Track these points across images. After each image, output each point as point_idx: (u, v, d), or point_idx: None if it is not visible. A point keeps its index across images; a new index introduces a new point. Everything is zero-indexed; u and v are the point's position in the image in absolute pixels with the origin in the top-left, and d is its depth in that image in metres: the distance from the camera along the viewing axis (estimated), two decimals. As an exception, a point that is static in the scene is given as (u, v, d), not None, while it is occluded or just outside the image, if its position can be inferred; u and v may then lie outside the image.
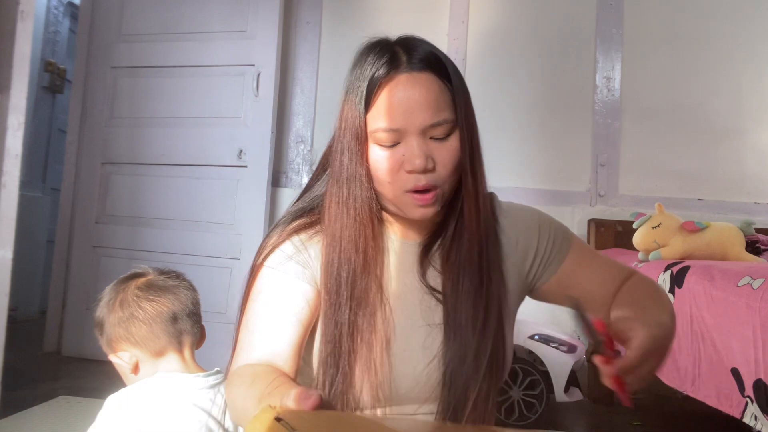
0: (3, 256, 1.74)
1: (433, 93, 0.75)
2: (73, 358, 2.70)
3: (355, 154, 0.76)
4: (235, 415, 0.74)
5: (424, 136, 0.75)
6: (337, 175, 0.79)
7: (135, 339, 1.00)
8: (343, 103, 0.79)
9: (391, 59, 0.76)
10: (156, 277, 1.05)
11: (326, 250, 0.79)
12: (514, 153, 2.77)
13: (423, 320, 0.82)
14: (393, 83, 0.75)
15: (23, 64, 1.80)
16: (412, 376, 0.80)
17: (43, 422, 1.88)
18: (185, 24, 2.83)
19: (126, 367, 1.02)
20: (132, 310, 1.00)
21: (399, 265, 0.85)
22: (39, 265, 3.56)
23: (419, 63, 0.75)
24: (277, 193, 2.82)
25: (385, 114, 0.74)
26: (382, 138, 0.75)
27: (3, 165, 1.73)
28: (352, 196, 0.77)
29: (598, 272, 0.90)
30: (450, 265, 0.82)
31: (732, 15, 2.78)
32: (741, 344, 1.30)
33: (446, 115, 0.76)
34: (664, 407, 2.45)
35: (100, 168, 2.87)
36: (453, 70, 0.79)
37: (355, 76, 0.78)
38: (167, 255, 2.69)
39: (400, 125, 0.74)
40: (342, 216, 0.78)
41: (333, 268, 0.78)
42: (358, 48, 0.81)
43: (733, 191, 2.74)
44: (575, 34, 2.81)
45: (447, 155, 0.76)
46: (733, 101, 2.77)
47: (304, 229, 0.82)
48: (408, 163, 0.74)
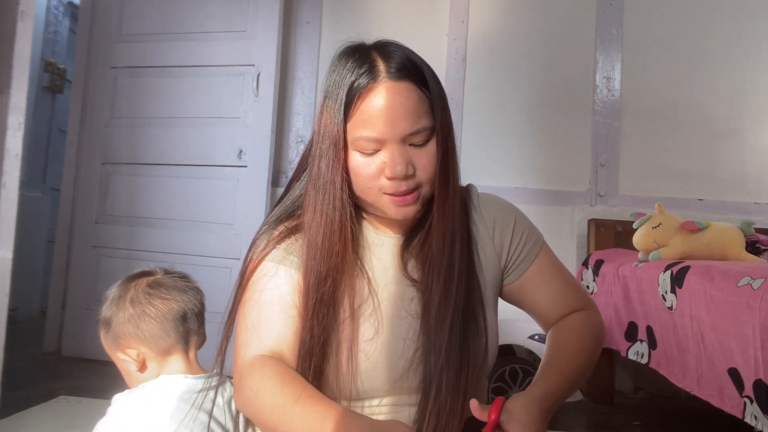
0: (3, 256, 1.74)
1: (412, 102, 0.77)
2: (73, 358, 2.70)
3: (332, 161, 0.79)
4: (259, 405, 0.76)
5: (404, 143, 0.77)
6: (315, 179, 0.81)
7: (144, 336, 1.00)
8: (322, 108, 0.81)
9: (370, 68, 0.77)
10: (164, 277, 1.05)
11: (305, 252, 0.82)
12: (514, 153, 2.77)
13: (406, 311, 0.85)
14: (373, 93, 0.76)
15: (23, 64, 1.80)
16: (395, 368, 0.82)
17: (43, 422, 1.88)
18: (185, 24, 2.83)
19: (133, 364, 1.02)
20: (143, 308, 1.00)
21: (382, 258, 0.87)
22: (39, 265, 3.56)
23: (398, 72, 0.77)
24: (277, 193, 2.82)
25: (366, 123, 0.76)
26: (363, 146, 0.78)
27: (3, 165, 1.73)
28: (328, 201, 0.80)
29: (555, 291, 0.93)
30: (423, 258, 0.85)
31: (732, 15, 2.79)
32: (741, 344, 1.30)
33: (425, 123, 0.78)
34: (664, 407, 2.45)
35: (100, 168, 2.87)
36: (430, 76, 0.81)
37: (334, 83, 0.79)
38: (167, 255, 2.69)
39: (381, 134, 0.76)
40: (318, 220, 0.81)
41: (312, 271, 0.81)
42: (335, 53, 0.82)
43: (733, 191, 2.74)
44: (575, 34, 2.81)
45: (426, 160, 0.79)
46: (733, 101, 2.77)
47: (287, 236, 0.86)
48: (389, 170, 0.77)
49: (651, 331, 1.83)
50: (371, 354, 0.81)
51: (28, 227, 3.16)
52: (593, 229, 2.59)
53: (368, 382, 0.81)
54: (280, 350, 0.80)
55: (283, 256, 0.84)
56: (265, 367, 0.77)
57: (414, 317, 0.84)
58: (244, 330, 0.83)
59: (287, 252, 0.84)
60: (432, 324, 0.81)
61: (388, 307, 0.84)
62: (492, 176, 2.75)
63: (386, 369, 0.82)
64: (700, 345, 1.50)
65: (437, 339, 0.80)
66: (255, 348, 0.80)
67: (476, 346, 0.83)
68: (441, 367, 0.79)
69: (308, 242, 0.82)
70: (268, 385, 0.75)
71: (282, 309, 0.82)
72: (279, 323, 0.81)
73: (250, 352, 0.80)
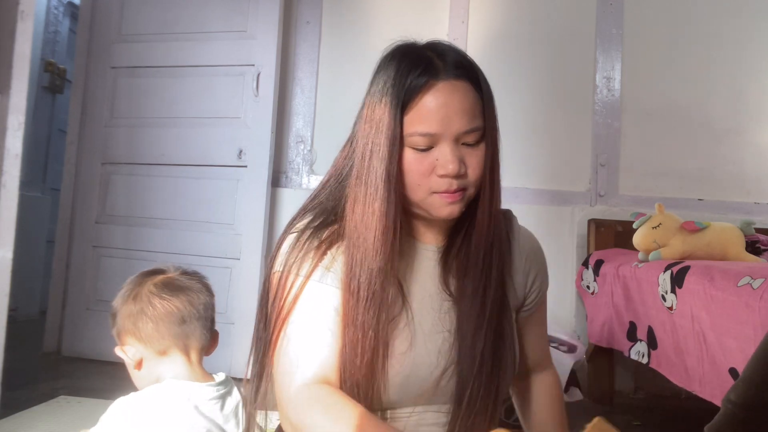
0: (3, 256, 1.74)
1: (468, 101, 0.77)
2: (73, 358, 2.70)
3: (387, 157, 0.77)
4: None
5: (457, 141, 0.78)
6: (365, 176, 0.78)
7: (140, 335, 1.00)
8: (372, 105, 0.79)
9: (428, 66, 0.77)
10: (176, 276, 1.04)
11: (350, 251, 0.79)
12: (514, 153, 2.77)
13: (441, 325, 0.83)
14: (433, 90, 0.76)
15: (23, 64, 1.79)
16: (427, 380, 0.81)
17: (43, 422, 1.88)
18: (185, 24, 2.83)
19: (128, 362, 1.02)
20: (142, 306, 1.00)
21: (419, 269, 0.85)
22: (39, 265, 3.55)
23: (456, 70, 0.78)
24: (277, 193, 2.82)
25: (423, 119, 0.76)
26: (418, 141, 0.77)
27: (3, 165, 1.73)
28: (381, 198, 0.77)
29: (541, 338, 1.00)
30: (460, 266, 0.84)
31: (732, 15, 2.78)
32: (741, 344, 1.30)
33: (478, 123, 0.78)
34: (664, 407, 2.45)
35: (100, 168, 2.87)
36: (482, 78, 0.81)
37: (389, 80, 0.78)
38: (167, 255, 2.69)
39: (437, 130, 0.76)
40: (368, 217, 0.78)
41: (356, 270, 0.78)
42: (385, 51, 0.83)
43: (733, 191, 2.74)
44: (575, 34, 2.81)
45: (477, 161, 0.79)
46: (733, 101, 2.77)
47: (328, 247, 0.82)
48: (441, 168, 0.77)
49: (651, 331, 1.83)
50: (404, 367, 0.80)
51: (28, 227, 3.16)
52: (593, 229, 2.59)
53: (398, 394, 0.80)
54: (324, 375, 0.77)
55: (322, 273, 0.81)
56: (312, 398, 0.74)
57: (449, 331, 0.83)
58: (285, 355, 0.79)
59: (327, 268, 0.81)
60: (466, 329, 0.81)
61: (422, 320, 0.83)
62: (492, 176, 2.74)
63: (418, 381, 0.81)
64: (701, 345, 1.50)
65: (472, 347, 0.80)
66: (299, 377, 0.76)
67: (505, 358, 0.84)
68: (475, 375, 0.80)
69: (356, 237, 0.78)
70: (322, 420, 0.71)
71: (326, 330, 0.79)
72: (324, 346, 0.78)
73: (295, 382, 0.76)
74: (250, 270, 2.63)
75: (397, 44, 0.83)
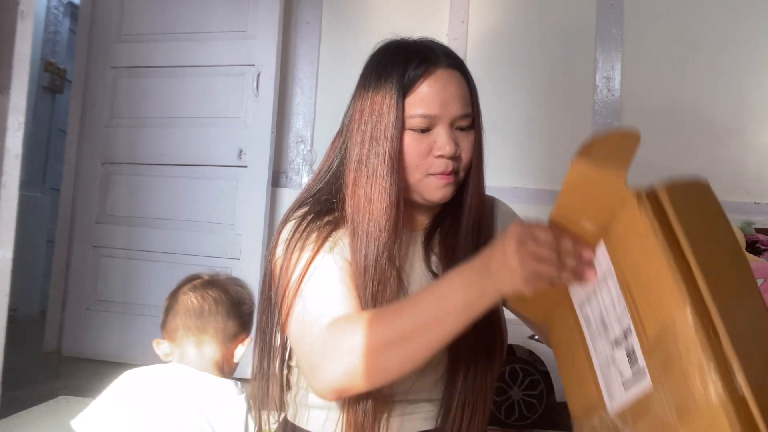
0: (3, 256, 1.74)
1: (462, 89, 0.85)
2: (73, 358, 2.70)
3: (390, 138, 0.81)
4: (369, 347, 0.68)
5: (452, 126, 0.83)
6: (367, 159, 0.82)
7: (167, 329, 1.04)
8: (371, 94, 0.84)
9: (426, 56, 0.84)
10: (218, 279, 1.08)
11: (354, 232, 0.81)
12: (514, 153, 2.77)
13: None
14: (432, 76, 0.83)
15: (23, 64, 1.80)
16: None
17: (43, 422, 1.88)
18: (185, 24, 2.83)
19: (160, 357, 1.06)
20: (173, 302, 1.05)
21: (412, 255, 0.89)
22: (39, 265, 3.56)
23: (449, 60, 0.85)
24: (277, 193, 2.82)
25: (422, 102, 0.82)
26: (418, 123, 0.82)
27: (3, 165, 1.73)
28: (384, 177, 0.81)
29: None
30: (447, 251, 0.88)
31: (732, 15, 2.78)
32: (741, 344, 1.30)
33: (470, 110, 0.85)
34: (664, 407, 2.45)
35: (100, 168, 2.87)
36: (468, 71, 0.89)
37: (388, 68, 0.83)
38: (167, 255, 2.69)
39: (436, 112, 0.82)
40: (374, 196, 0.81)
41: (362, 247, 0.80)
42: (376, 46, 0.88)
43: (733, 191, 2.73)
44: (575, 34, 2.81)
45: (469, 145, 0.85)
46: (733, 101, 2.76)
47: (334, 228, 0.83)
48: (439, 149, 0.82)
49: (651, 331, 1.83)
50: None
51: (28, 227, 3.16)
52: (593, 229, 2.59)
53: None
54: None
55: (329, 248, 0.81)
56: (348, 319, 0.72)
57: None
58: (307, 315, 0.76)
59: (331, 249, 0.81)
60: None
61: None
62: (492, 176, 2.71)
63: None
64: (700, 345, 1.50)
65: None
66: (328, 317, 0.74)
67: (495, 335, 0.88)
68: (468, 351, 0.82)
69: (359, 221, 0.80)
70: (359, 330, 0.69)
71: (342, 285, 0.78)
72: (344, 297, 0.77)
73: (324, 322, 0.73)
74: (250, 270, 2.63)
75: (387, 40, 0.89)
